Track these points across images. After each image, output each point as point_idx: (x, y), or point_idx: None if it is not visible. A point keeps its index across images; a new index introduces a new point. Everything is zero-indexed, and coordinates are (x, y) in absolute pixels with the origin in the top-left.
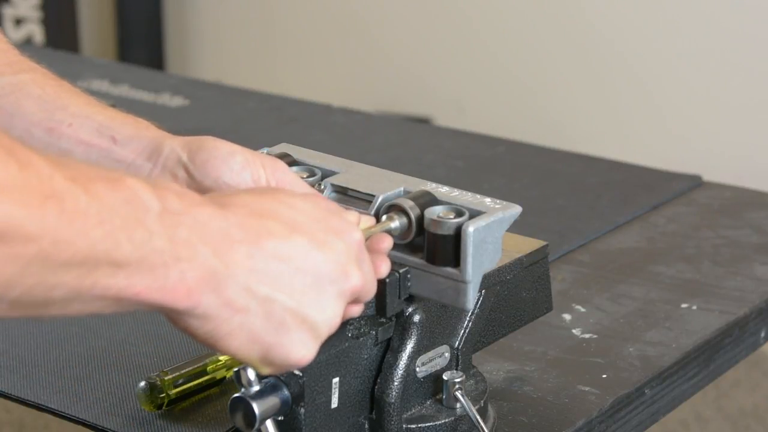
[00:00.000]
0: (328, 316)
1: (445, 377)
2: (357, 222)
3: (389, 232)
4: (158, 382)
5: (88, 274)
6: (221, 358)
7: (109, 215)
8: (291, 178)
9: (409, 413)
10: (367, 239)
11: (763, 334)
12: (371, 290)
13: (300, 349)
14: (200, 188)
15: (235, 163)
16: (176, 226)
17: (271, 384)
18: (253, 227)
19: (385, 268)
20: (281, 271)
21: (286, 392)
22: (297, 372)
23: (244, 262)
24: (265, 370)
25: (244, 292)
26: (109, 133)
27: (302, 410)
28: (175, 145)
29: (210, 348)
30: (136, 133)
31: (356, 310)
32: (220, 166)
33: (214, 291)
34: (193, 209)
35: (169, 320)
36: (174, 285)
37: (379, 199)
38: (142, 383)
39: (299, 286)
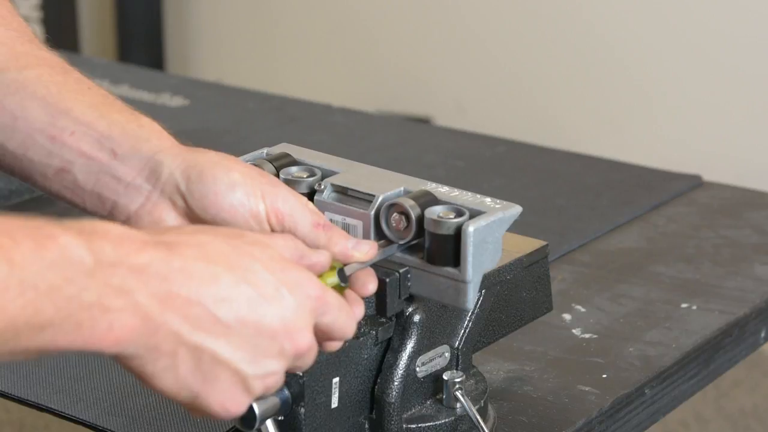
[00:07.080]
0: (263, 373)
1: (445, 377)
2: (326, 265)
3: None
4: None
5: (5, 342)
6: None
7: (33, 281)
8: (291, 207)
9: (409, 413)
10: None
11: (763, 334)
12: (337, 342)
13: (226, 403)
14: (199, 220)
15: (234, 198)
16: (109, 277)
17: None
18: (197, 272)
19: (359, 311)
20: (219, 320)
21: (286, 392)
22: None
23: (180, 308)
24: (194, 415)
25: (174, 337)
26: (110, 145)
27: (302, 410)
28: (174, 169)
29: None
30: (136, 147)
31: (334, 346)
32: (217, 202)
33: (143, 335)
34: (130, 257)
35: None
36: (101, 336)
37: (379, 199)
38: None
39: (236, 338)
